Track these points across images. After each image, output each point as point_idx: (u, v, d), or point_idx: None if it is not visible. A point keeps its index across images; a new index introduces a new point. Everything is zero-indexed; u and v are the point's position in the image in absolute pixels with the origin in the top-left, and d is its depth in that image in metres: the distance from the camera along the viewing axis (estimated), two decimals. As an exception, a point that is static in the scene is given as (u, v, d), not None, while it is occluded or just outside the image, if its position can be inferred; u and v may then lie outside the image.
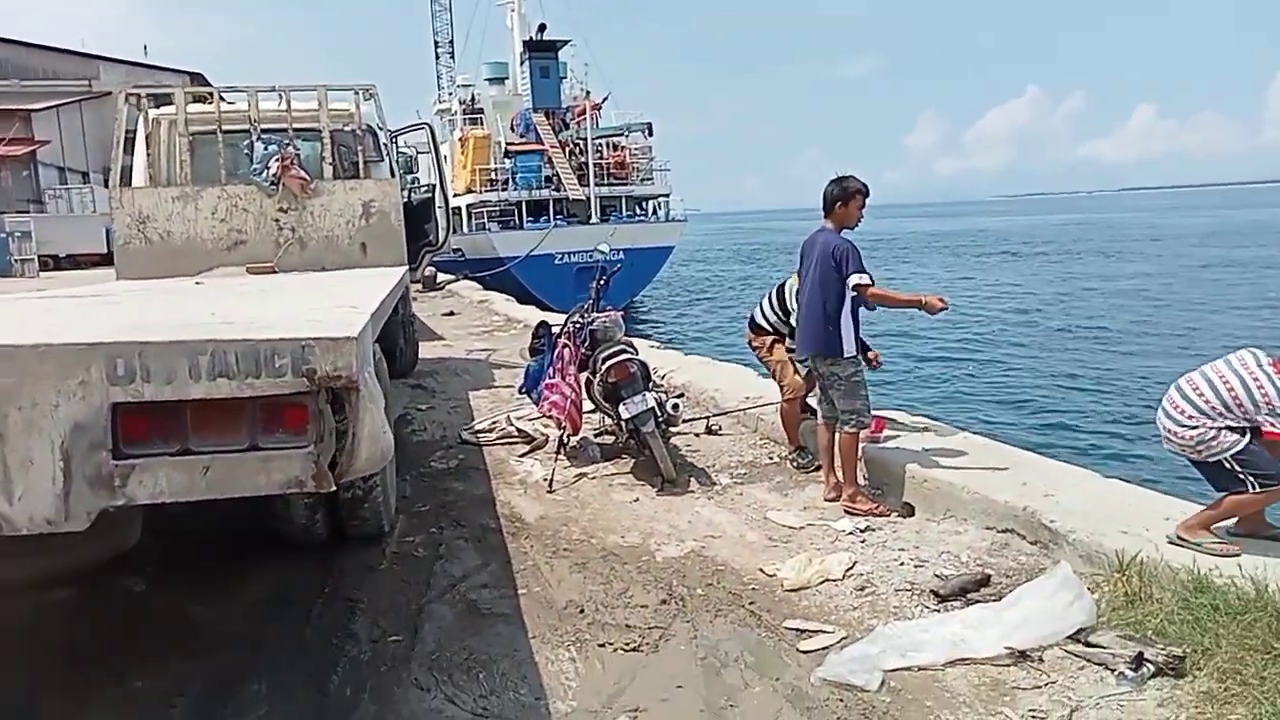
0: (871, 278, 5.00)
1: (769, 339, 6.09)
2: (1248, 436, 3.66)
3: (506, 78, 39.61)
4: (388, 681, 3.45)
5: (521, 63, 37.23)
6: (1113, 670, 3.18)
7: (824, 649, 3.55)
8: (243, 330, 2.82)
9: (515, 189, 33.92)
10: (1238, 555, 3.57)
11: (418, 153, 21.56)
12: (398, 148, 10.94)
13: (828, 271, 5.03)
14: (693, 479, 5.79)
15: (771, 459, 6.15)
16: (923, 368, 18.56)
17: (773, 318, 6.06)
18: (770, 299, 6.10)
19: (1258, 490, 3.66)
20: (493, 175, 34.58)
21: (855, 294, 5.00)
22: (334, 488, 2.80)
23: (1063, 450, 9.57)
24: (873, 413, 5.28)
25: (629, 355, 5.90)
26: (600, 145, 35.48)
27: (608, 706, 3.23)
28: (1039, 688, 3.19)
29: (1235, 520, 3.86)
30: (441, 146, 13.02)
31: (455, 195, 31.95)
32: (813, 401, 5.77)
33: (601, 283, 6.79)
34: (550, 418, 6.38)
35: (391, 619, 3.96)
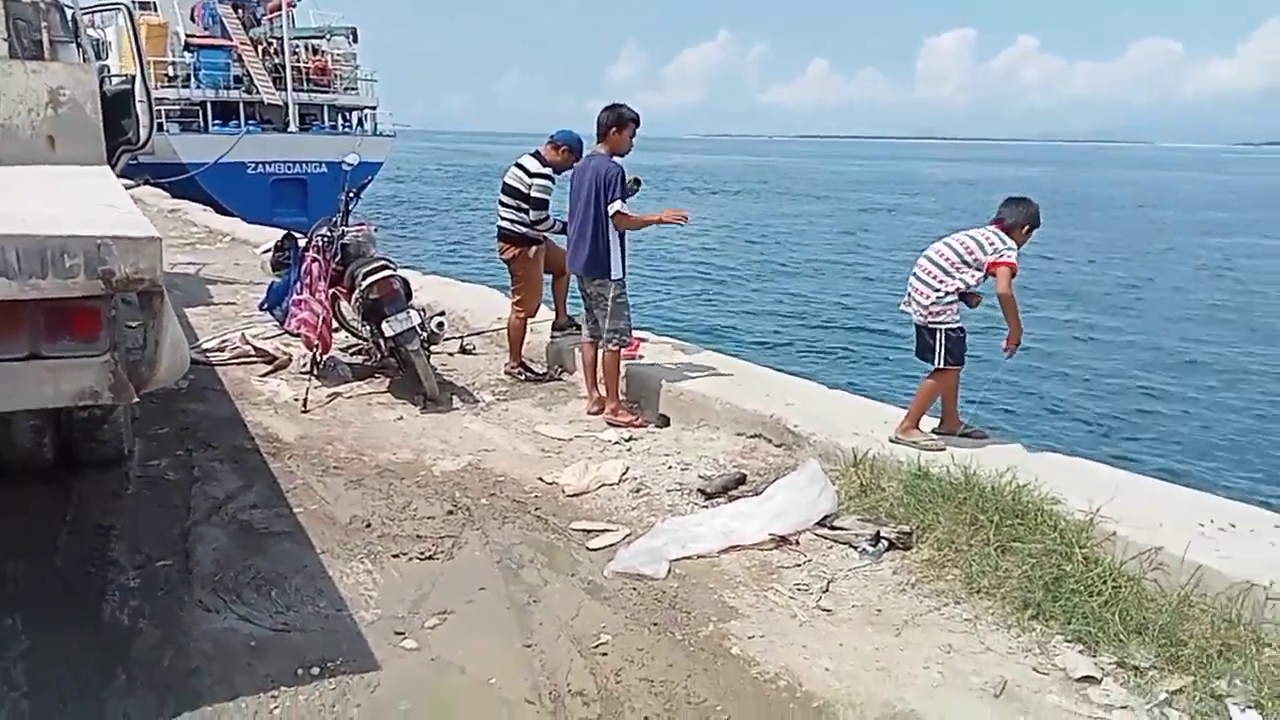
0: (625, 204, 5.20)
1: (517, 249, 6.13)
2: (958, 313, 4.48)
3: (183, -41, 35.10)
4: (168, 605, 3.26)
5: (202, -56, 33.12)
6: (856, 547, 3.74)
7: (611, 546, 3.83)
8: (23, 225, 2.48)
9: (198, 87, 30.40)
10: (944, 450, 4.29)
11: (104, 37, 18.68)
12: (88, 28, 9.51)
13: (599, 194, 5.21)
14: (455, 397, 5.82)
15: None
16: (660, 289, 19.64)
17: (514, 218, 6.04)
18: (504, 200, 6.08)
19: (941, 366, 4.47)
20: (170, 70, 30.74)
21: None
22: (136, 399, 2.59)
23: (790, 363, 10.60)
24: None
25: (392, 271, 5.75)
26: (298, 47, 32.66)
27: (414, 611, 3.30)
28: (799, 565, 3.68)
29: (939, 422, 4.62)
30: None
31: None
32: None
33: (351, 195, 6.47)
34: (299, 335, 6.08)
35: (155, 544, 3.70)
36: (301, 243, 6.48)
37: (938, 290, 4.42)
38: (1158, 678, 2.89)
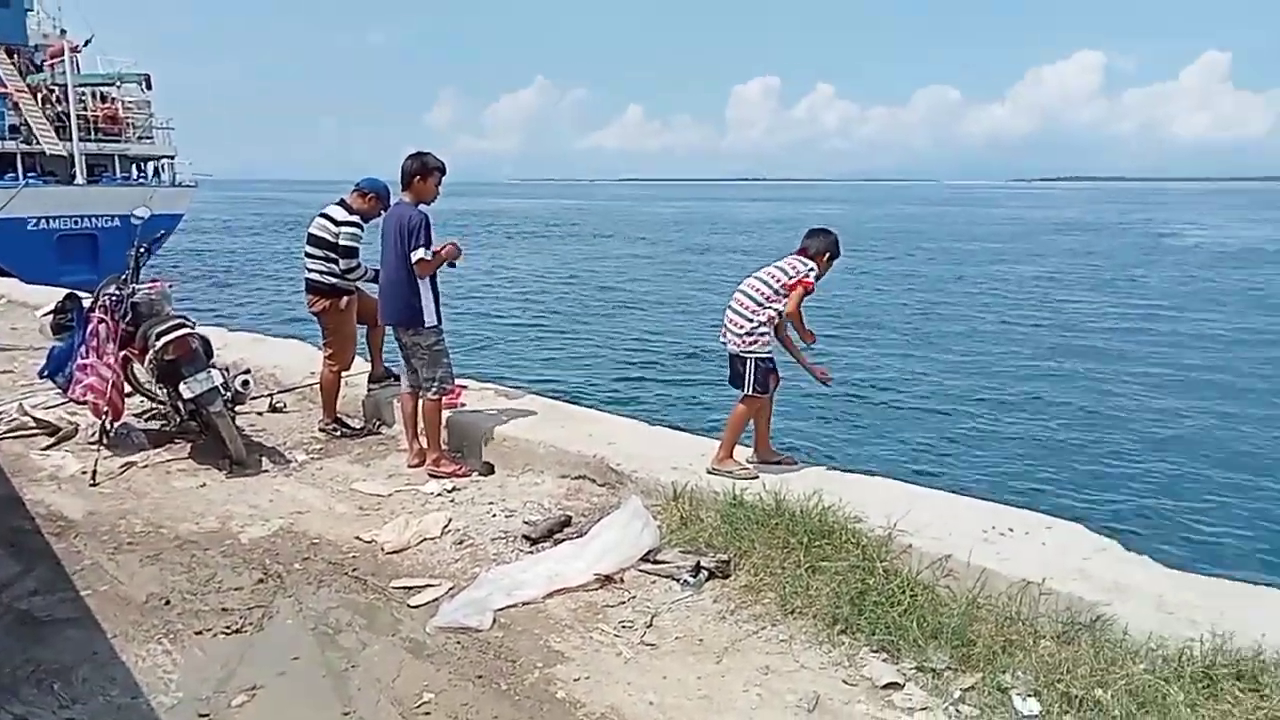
0: (429, 252, 5.11)
1: (327, 301, 5.95)
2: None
3: (-52, 1, 32.22)
4: (-70, 714, 2.92)
5: (-32, -15, 30.54)
6: (678, 580, 3.83)
7: (434, 601, 3.74)
8: None
9: (-34, 138, 27.86)
10: (757, 478, 4.47)
11: None
12: None
13: (404, 243, 5.14)
14: (264, 458, 5.55)
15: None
16: (480, 335, 19.53)
17: (322, 268, 5.88)
18: (310, 252, 5.92)
19: (749, 394, 4.66)
20: (-66, 121, 28.04)
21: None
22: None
23: (612, 402, 10.80)
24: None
25: (189, 330, 5.44)
26: (84, 95, 30.52)
27: (219, 690, 3.10)
28: (624, 603, 3.73)
29: (753, 452, 4.81)
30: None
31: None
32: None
33: (142, 250, 6.09)
34: (85, 402, 5.63)
35: (-85, 646, 3.31)
36: (87, 303, 6.02)
37: (751, 321, 4.62)
38: (952, 677, 3.11)
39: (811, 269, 4.69)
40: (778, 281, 4.67)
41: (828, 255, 4.78)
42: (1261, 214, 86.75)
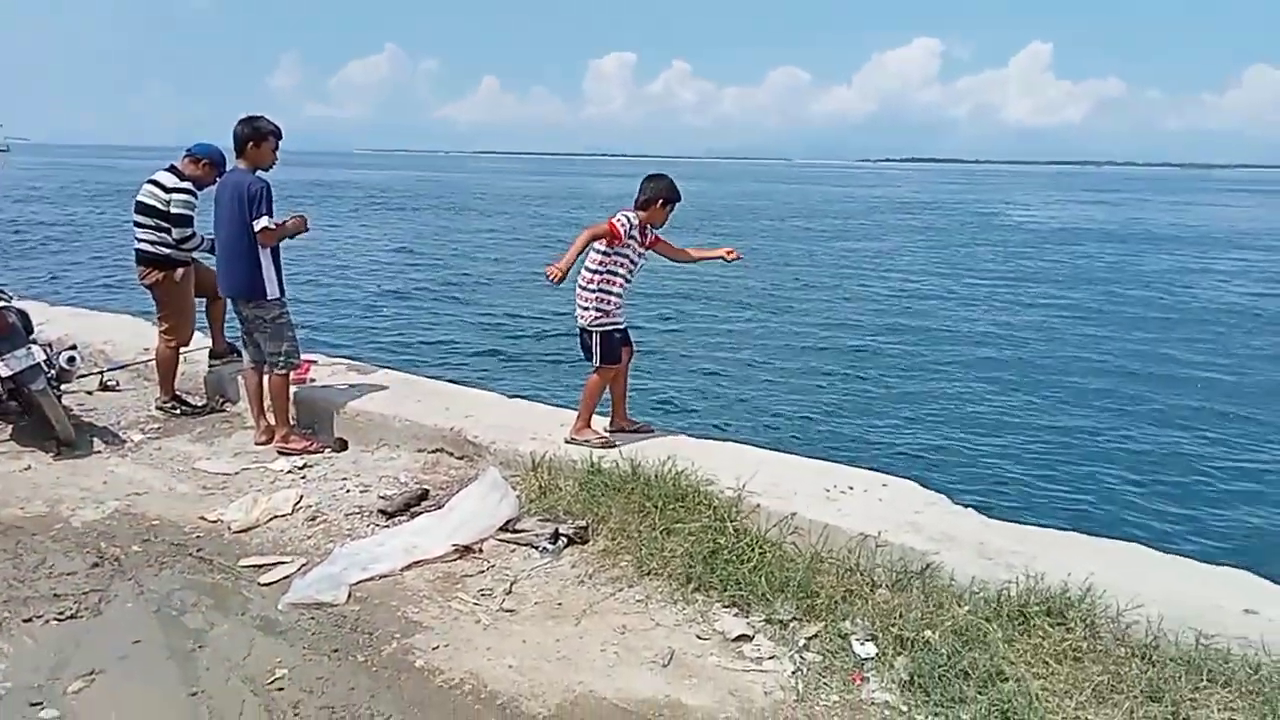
0: (273, 221, 4.97)
1: (161, 273, 5.67)
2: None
3: None
4: None
5: None
6: (537, 547, 3.88)
7: (286, 578, 3.66)
8: None
9: None
10: (615, 446, 4.56)
11: None
12: None
13: (243, 212, 4.94)
14: (96, 439, 5.25)
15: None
16: (331, 309, 18.86)
17: (154, 238, 5.60)
18: (140, 221, 5.63)
19: (597, 364, 4.69)
20: None
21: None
22: None
23: (470, 377, 10.71)
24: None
25: (4, 303, 5.06)
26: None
27: (54, 678, 2.96)
28: (483, 572, 3.75)
29: (610, 420, 4.90)
30: None
31: None
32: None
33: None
34: (-115, 383, 5.14)
35: None
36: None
37: (590, 293, 4.64)
38: (798, 627, 3.30)
39: (627, 215, 4.63)
40: (597, 243, 4.64)
41: (660, 200, 4.68)
42: (1082, 196, 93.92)
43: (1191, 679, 2.81)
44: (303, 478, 4.75)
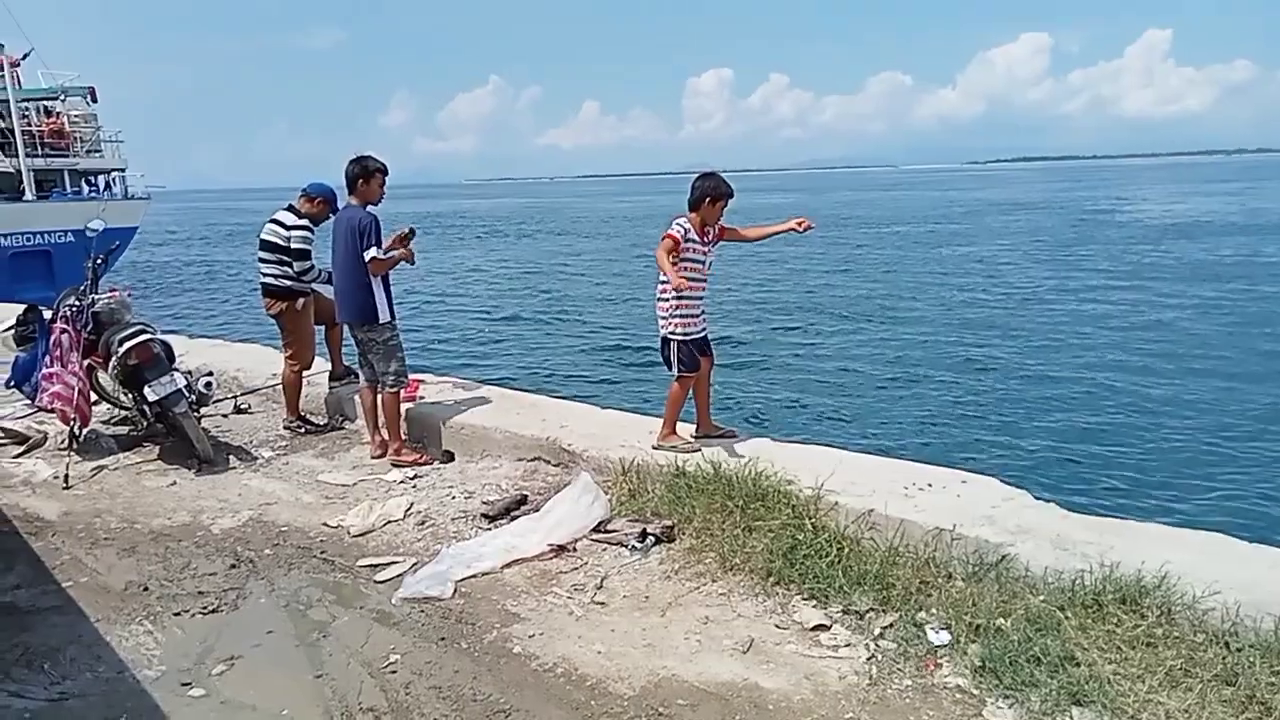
0: (381, 251, 5.38)
1: (284, 303, 6.17)
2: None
3: (-119, 16, 31.55)
4: (-74, 697, 3.13)
5: (-102, 1, 29.89)
6: (626, 546, 4.12)
7: (399, 576, 4.00)
8: None
9: (-91, 156, 27.36)
10: (698, 450, 4.77)
11: None
12: None
13: (354, 245, 5.38)
14: (231, 456, 5.76)
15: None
16: (439, 331, 19.78)
17: (277, 272, 6.10)
18: (264, 257, 6.12)
19: (674, 373, 4.90)
20: (-127, 142, 27.49)
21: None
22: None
23: (565, 390, 11.13)
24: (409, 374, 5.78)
25: (150, 335, 5.62)
26: (28, 110, 30.04)
27: (200, 663, 3.34)
28: (576, 569, 4.01)
29: (695, 427, 5.11)
30: None
31: None
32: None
33: (99, 262, 6.25)
34: (53, 410, 5.79)
35: (-94, 639, 3.51)
36: (47, 315, 6.17)
37: (664, 300, 4.87)
38: (874, 617, 3.43)
39: (679, 223, 4.79)
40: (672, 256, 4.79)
41: (708, 199, 4.80)
42: (1204, 188, 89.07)
43: (1268, 663, 2.83)
44: (414, 486, 5.12)
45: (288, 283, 6.09)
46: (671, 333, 4.87)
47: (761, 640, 3.37)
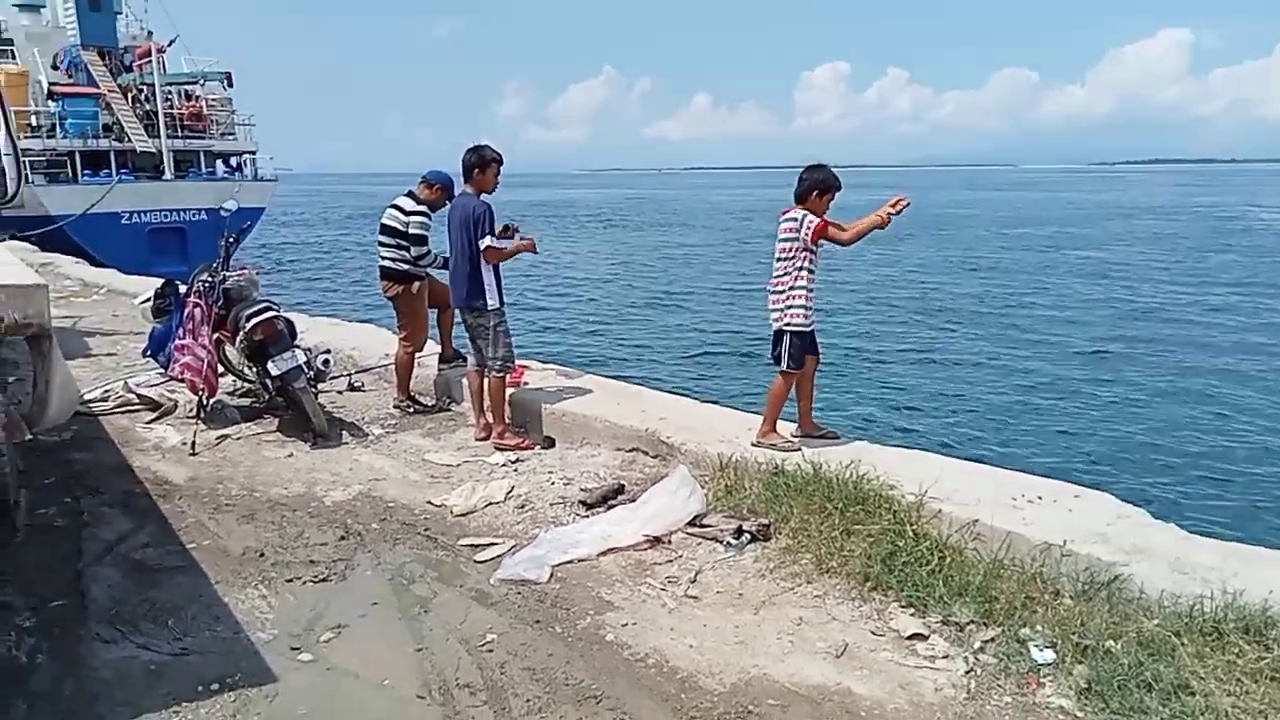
0: (495, 239, 5.51)
1: (400, 286, 6.36)
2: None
3: (42, 5, 33.83)
4: (65, 641, 3.37)
5: (63, -10, 32.06)
6: (721, 541, 4.12)
7: (497, 557, 4.10)
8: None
9: (64, 136, 29.31)
10: (799, 450, 4.72)
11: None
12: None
13: (469, 232, 5.52)
14: (344, 432, 5.99)
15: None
16: (545, 319, 20.18)
17: (395, 256, 6.28)
18: (383, 240, 6.31)
19: (783, 369, 4.87)
20: (34, 120, 29.57)
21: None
22: (30, 437, 2.75)
23: (666, 382, 11.19)
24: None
25: (275, 312, 5.90)
26: (170, 93, 31.86)
27: (309, 629, 3.50)
28: (670, 561, 4.03)
29: (797, 426, 5.06)
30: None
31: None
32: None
33: (231, 240, 6.59)
34: (184, 380, 6.14)
35: (48, 586, 3.79)
36: (182, 289, 6.54)
37: (780, 293, 4.83)
38: (975, 630, 3.34)
39: (806, 215, 4.72)
40: (794, 234, 4.75)
41: (816, 191, 4.74)
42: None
43: (1407, 709, 2.64)
44: (515, 470, 5.23)
45: (405, 266, 6.29)
46: (786, 324, 4.83)
47: (856, 645, 3.32)
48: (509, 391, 5.85)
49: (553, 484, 4.97)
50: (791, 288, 4.80)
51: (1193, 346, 16.54)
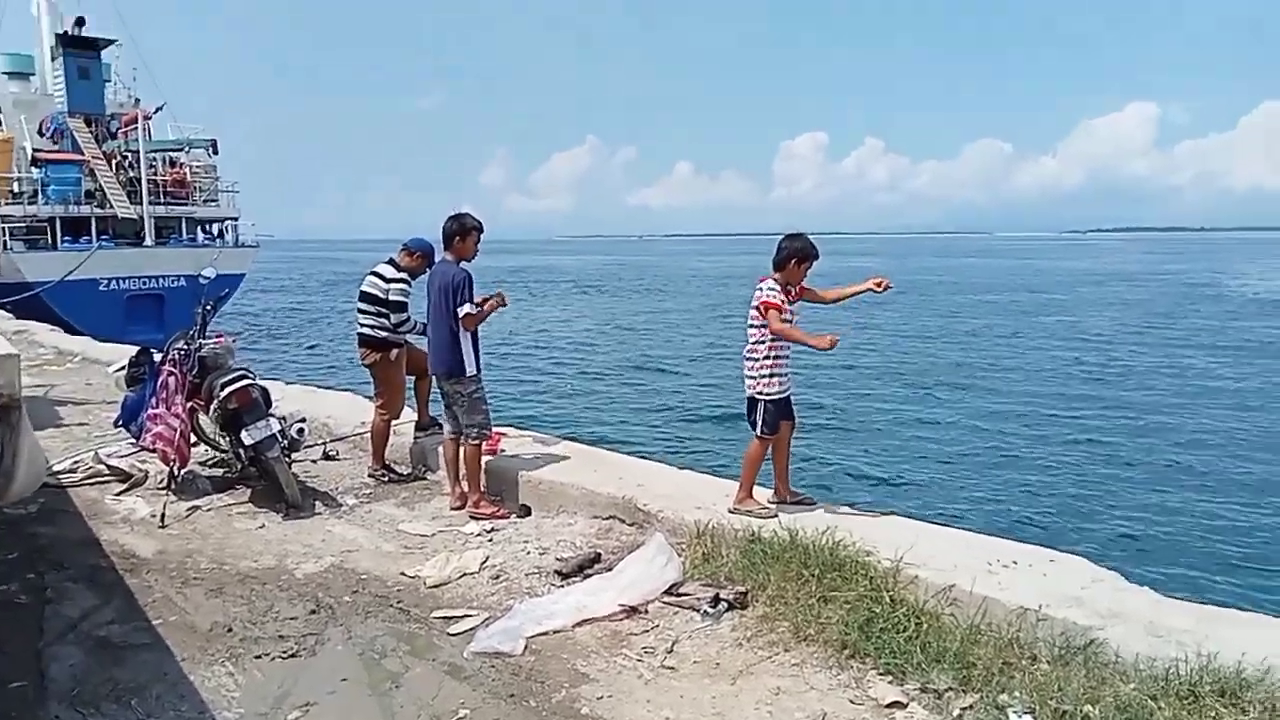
0: (474, 307, 5.54)
1: (378, 353, 6.36)
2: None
3: (32, 73, 34.19)
4: (23, 723, 3.27)
5: (53, 59, 32.34)
6: (698, 610, 4.07)
7: (471, 629, 4.03)
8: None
9: (46, 203, 29.32)
10: (775, 516, 4.71)
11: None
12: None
13: (447, 299, 5.55)
14: (318, 502, 5.92)
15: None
16: (522, 385, 20.13)
17: (374, 323, 6.29)
18: (362, 308, 6.33)
19: (756, 434, 4.90)
20: (15, 186, 29.60)
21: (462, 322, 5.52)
22: (-6, 511, 2.71)
23: (644, 448, 11.17)
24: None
25: (250, 380, 5.87)
26: (155, 160, 32.05)
27: (276, 708, 3.41)
28: (647, 631, 3.98)
29: (773, 493, 5.06)
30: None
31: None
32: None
33: (208, 307, 6.58)
34: (155, 450, 6.07)
35: (6, 666, 3.68)
36: (157, 357, 6.51)
37: (753, 361, 4.89)
38: (953, 697, 3.30)
39: (773, 288, 4.82)
40: (755, 315, 4.88)
41: (794, 260, 4.84)
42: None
43: (1385, 773, 2.62)
44: (490, 540, 5.18)
45: (384, 334, 6.29)
46: (760, 392, 4.87)
47: (834, 714, 3.27)
48: (485, 459, 5.82)
49: (528, 553, 4.92)
50: (765, 356, 4.86)
51: (1163, 410, 16.81)
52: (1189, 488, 11.54)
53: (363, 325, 6.37)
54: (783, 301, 4.82)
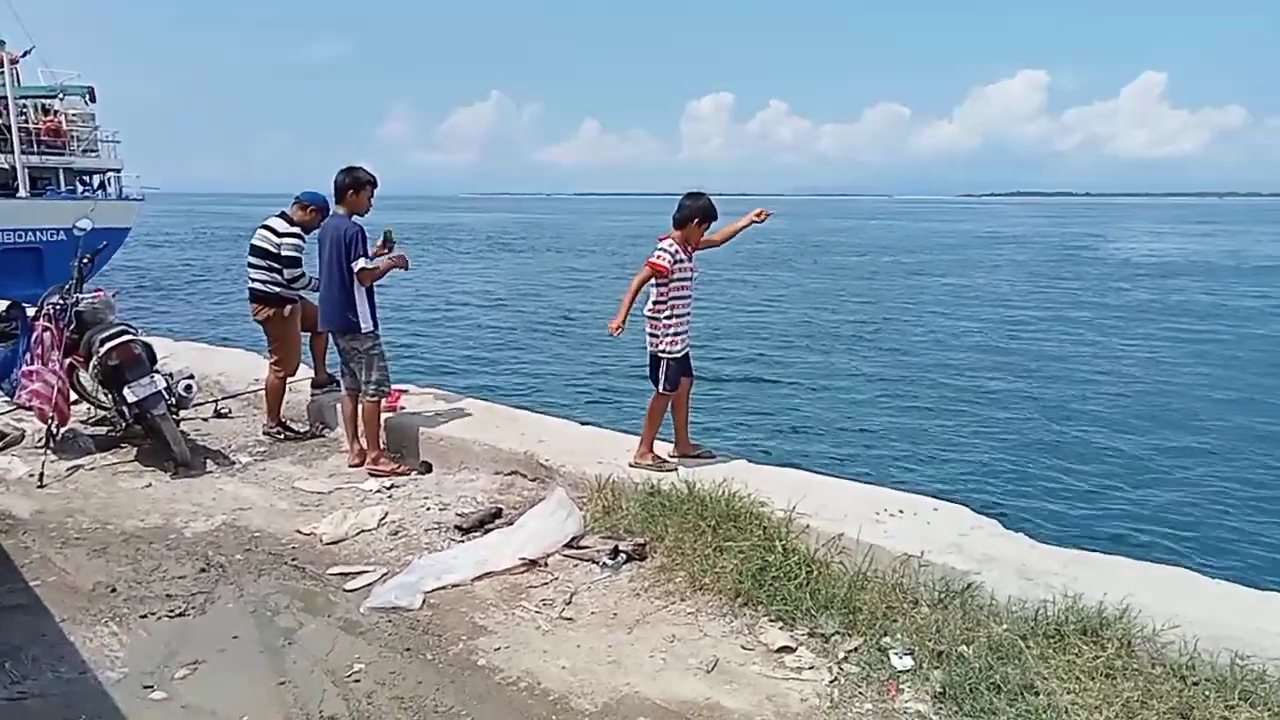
0: (369, 260, 5.43)
1: (271, 309, 6.17)
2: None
3: (-113, 13, 31.56)
4: (-115, 694, 3.11)
5: (-101, -5, 29.88)
6: (598, 562, 4.13)
7: (368, 585, 4.00)
8: None
9: (-96, 153, 27.28)
10: (675, 470, 4.79)
11: None
12: None
13: (340, 254, 5.40)
14: (209, 460, 5.75)
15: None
16: (425, 343, 19.82)
17: (265, 278, 6.12)
18: (253, 262, 6.15)
19: (658, 389, 4.97)
20: None
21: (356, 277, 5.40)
22: None
23: (547, 405, 11.17)
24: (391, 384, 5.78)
25: (131, 336, 5.62)
26: (25, 107, 30.05)
27: (163, 666, 3.33)
28: (546, 584, 4.01)
29: (673, 447, 5.14)
30: None
31: None
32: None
33: (85, 261, 6.25)
34: (32, 408, 5.78)
35: None
36: (30, 312, 6.16)
37: (655, 318, 4.93)
38: (839, 641, 3.44)
39: (663, 249, 4.87)
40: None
41: (696, 219, 4.88)
42: (1185, 228, 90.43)
43: (1223, 697, 2.85)
44: (389, 496, 5.12)
45: (276, 289, 6.10)
46: (662, 350, 4.92)
47: (726, 660, 3.38)
48: (385, 416, 5.73)
49: (428, 509, 4.89)
50: (668, 315, 4.89)
51: (1046, 361, 17.72)
52: (1063, 439, 12.23)
53: (254, 280, 6.16)
54: (673, 261, 4.85)
